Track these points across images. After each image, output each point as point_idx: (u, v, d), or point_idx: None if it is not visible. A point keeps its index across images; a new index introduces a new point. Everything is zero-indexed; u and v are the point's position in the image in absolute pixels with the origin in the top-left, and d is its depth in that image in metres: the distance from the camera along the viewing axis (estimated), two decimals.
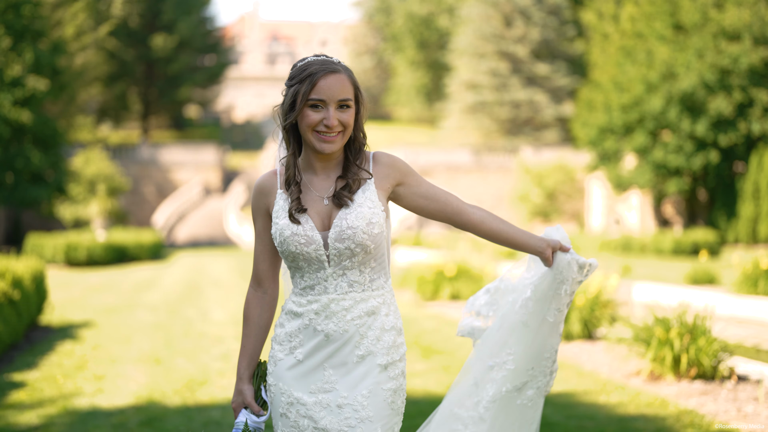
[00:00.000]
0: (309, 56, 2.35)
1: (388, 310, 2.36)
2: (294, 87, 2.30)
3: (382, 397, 2.30)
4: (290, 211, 2.31)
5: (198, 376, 6.80)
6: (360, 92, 2.35)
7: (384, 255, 2.37)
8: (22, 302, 8.89)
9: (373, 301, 2.33)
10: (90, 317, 11.09)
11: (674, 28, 32.15)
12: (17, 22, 28.32)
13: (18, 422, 5.38)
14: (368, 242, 2.29)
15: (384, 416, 2.30)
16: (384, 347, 2.32)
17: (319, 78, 2.27)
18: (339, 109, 2.30)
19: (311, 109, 2.29)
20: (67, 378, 6.82)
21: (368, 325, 2.32)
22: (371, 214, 2.30)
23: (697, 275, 14.89)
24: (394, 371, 2.34)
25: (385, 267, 2.38)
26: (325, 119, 2.28)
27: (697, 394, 5.71)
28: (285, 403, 2.33)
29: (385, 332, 2.34)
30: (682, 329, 6.06)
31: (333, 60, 2.32)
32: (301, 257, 2.31)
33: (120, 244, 25.22)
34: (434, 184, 2.44)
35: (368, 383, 2.30)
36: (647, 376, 6.27)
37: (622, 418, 5.20)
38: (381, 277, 2.37)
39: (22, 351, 8.33)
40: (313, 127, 2.30)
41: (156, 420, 5.33)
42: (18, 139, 28.69)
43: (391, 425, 2.32)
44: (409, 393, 6.09)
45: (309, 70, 2.28)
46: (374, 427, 2.27)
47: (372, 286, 2.34)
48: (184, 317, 10.94)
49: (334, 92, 2.28)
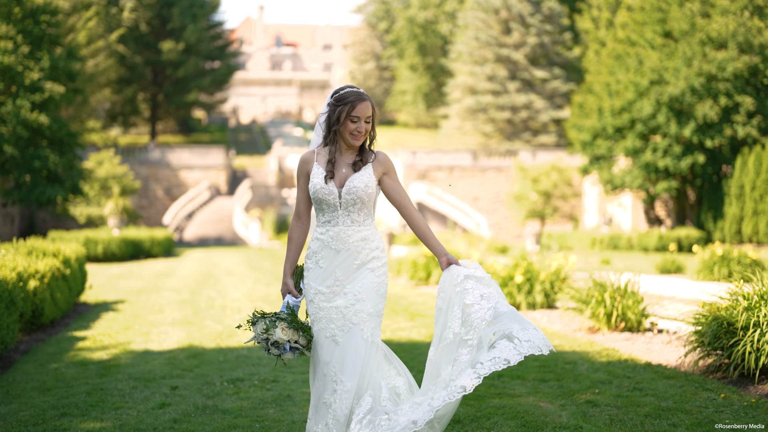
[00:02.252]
0: (346, 87, 3.95)
1: (374, 237, 3.96)
2: (339, 107, 3.90)
3: (371, 287, 3.89)
4: (325, 176, 3.88)
5: (225, 332, 8.35)
6: (375, 110, 3.96)
7: (372, 207, 3.93)
8: (71, 278, 10.45)
9: (365, 232, 3.93)
10: (121, 297, 12.61)
11: (664, 36, 33.58)
12: (35, 29, 29.67)
13: (91, 358, 6.92)
14: (364, 197, 3.89)
15: (373, 298, 3.88)
16: (372, 259, 3.92)
17: (357, 104, 3.88)
18: (366, 122, 3.89)
19: (350, 122, 3.88)
20: (118, 334, 8.36)
21: (362, 246, 3.91)
22: (367, 181, 3.91)
23: (666, 265, 16.40)
24: (378, 272, 3.92)
25: (371, 214, 3.94)
26: (358, 127, 3.89)
27: (622, 340, 7.25)
28: (312, 293, 3.90)
29: (372, 250, 3.93)
30: (613, 292, 7.59)
31: (362, 91, 3.94)
32: (324, 202, 3.90)
33: (135, 239, 26.73)
34: (402, 187, 3.99)
35: (362, 279, 3.89)
36: (587, 329, 7.81)
37: (557, 353, 6.74)
38: (369, 218, 3.97)
39: (73, 318, 9.86)
40: (351, 132, 3.89)
41: (198, 356, 6.87)
42: (35, 141, 30.02)
43: (376, 303, 3.89)
44: (396, 341, 7.64)
45: (349, 98, 3.89)
46: (366, 304, 3.86)
47: (364, 223, 3.93)
48: (205, 296, 12.48)
49: (364, 112, 3.88)
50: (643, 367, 6.07)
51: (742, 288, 5.74)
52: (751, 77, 31.67)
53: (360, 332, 3.78)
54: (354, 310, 3.81)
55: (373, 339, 3.81)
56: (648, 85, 31.95)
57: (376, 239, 3.95)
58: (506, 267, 9.98)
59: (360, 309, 3.81)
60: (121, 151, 44.77)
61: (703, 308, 5.94)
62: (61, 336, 8.32)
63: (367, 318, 3.81)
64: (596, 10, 48.24)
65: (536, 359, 6.48)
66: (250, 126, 70.25)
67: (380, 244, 3.96)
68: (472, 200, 45.38)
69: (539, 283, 9.55)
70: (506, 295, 9.79)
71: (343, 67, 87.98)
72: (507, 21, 52.35)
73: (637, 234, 30.13)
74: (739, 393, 5.20)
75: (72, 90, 32.30)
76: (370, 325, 3.81)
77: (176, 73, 54.07)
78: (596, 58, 43.67)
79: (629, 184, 33.55)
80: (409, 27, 61.94)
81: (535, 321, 8.82)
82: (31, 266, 8.50)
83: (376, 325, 3.84)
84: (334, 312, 3.82)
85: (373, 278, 3.88)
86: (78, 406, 5.16)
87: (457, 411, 4.86)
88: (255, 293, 12.84)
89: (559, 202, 42.19)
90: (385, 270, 3.96)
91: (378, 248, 3.93)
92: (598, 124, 33.93)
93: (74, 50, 32.91)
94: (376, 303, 3.86)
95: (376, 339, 3.84)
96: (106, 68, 46.65)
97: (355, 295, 3.84)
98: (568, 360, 6.40)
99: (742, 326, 5.50)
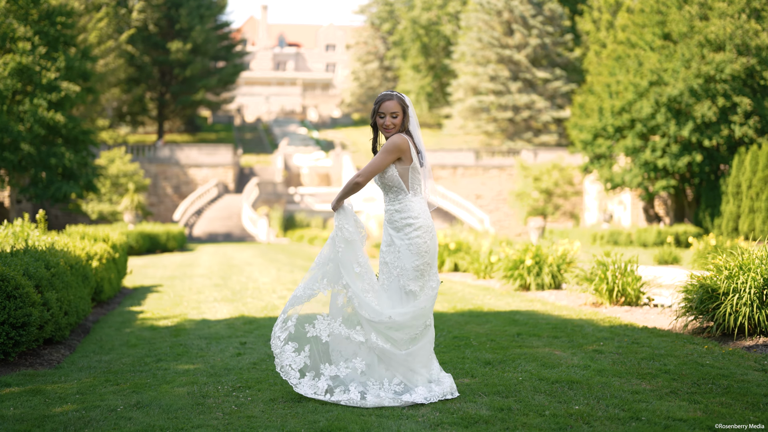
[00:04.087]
0: (384, 91, 4.88)
1: (406, 210, 4.84)
2: (374, 106, 4.90)
3: (407, 248, 4.80)
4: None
5: (268, 306, 9.34)
6: (405, 106, 4.85)
7: (400, 185, 4.84)
8: (120, 261, 11.43)
9: (398, 205, 4.87)
10: (156, 282, 13.58)
11: (663, 38, 34.49)
12: (52, 30, 30.57)
13: (158, 325, 7.92)
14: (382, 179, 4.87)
15: (408, 256, 4.80)
16: (406, 225, 4.82)
17: (383, 102, 4.85)
18: (391, 117, 4.84)
19: (379, 117, 4.84)
20: (172, 308, 9.34)
21: (398, 216, 4.84)
22: None
23: (664, 256, 17.40)
24: (413, 236, 4.81)
25: (404, 190, 4.85)
26: (384, 122, 4.86)
27: (622, 312, 8.25)
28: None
29: (406, 218, 4.82)
30: (614, 270, 8.58)
31: (392, 93, 4.87)
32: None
33: (151, 233, 27.70)
34: (371, 162, 4.85)
35: (403, 239, 4.82)
36: (591, 304, 8.80)
37: (566, 319, 7.74)
38: (401, 193, 4.87)
39: (123, 298, 10.84)
40: (381, 125, 4.88)
41: (252, 323, 7.87)
42: (51, 139, 30.93)
43: (412, 260, 4.80)
44: None
45: (379, 98, 4.90)
46: (404, 261, 4.80)
47: (396, 199, 4.86)
48: (235, 281, 13.46)
49: (388, 109, 4.85)
50: (640, 330, 7.08)
51: (726, 261, 6.73)
52: (749, 78, 32.49)
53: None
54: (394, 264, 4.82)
55: None
56: (647, 86, 32.82)
57: (407, 210, 4.84)
58: (517, 251, 10.97)
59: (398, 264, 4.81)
60: (130, 149, 45.73)
61: (692, 279, 6.93)
62: (120, 310, 9.31)
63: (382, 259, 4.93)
64: (597, 12, 49.21)
65: (548, 323, 7.48)
66: (255, 125, 71.19)
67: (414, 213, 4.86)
68: (475, 198, 46.40)
69: (547, 265, 10.54)
70: (517, 277, 10.77)
71: (345, 67, 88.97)
72: (509, 22, 53.34)
73: (636, 230, 31.14)
74: (720, 346, 6.20)
75: (86, 89, 33.15)
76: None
77: (184, 73, 55.05)
78: (597, 59, 44.60)
79: (629, 182, 34.41)
80: (412, 28, 62.86)
81: (544, 299, 9.80)
82: (91, 249, 9.49)
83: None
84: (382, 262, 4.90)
85: (411, 239, 4.82)
86: (168, 355, 6.15)
87: (485, 356, 5.87)
88: (282, 278, 13.82)
89: (560, 200, 43.17)
90: (421, 232, 4.81)
91: (411, 216, 4.81)
92: (599, 124, 34.85)
93: (88, 50, 33.80)
94: (412, 259, 4.77)
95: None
96: (116, 68, 47.59)
97: (398, 250, 4.80)
98: (576, 324, 7.39)
99: (724, 292, 6.49)
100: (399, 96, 4.86)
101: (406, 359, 4.67)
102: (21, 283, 5.82)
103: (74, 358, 6.24)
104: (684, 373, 5.17)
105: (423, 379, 4.68)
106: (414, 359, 4.68)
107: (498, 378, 5.13)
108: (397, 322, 4.67)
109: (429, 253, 4.85)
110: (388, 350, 4.65)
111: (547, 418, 4.20)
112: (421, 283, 4.79)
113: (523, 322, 7.60)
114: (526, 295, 10.20)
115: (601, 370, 5.29)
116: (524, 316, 8.04)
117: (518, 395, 4.68)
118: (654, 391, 4.72)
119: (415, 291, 4.77)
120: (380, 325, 4.66)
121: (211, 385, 5.05)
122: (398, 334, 4.68)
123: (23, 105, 29.72)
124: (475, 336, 6.84)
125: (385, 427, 4.08)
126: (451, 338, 6.74)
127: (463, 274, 14.02)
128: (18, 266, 6.07)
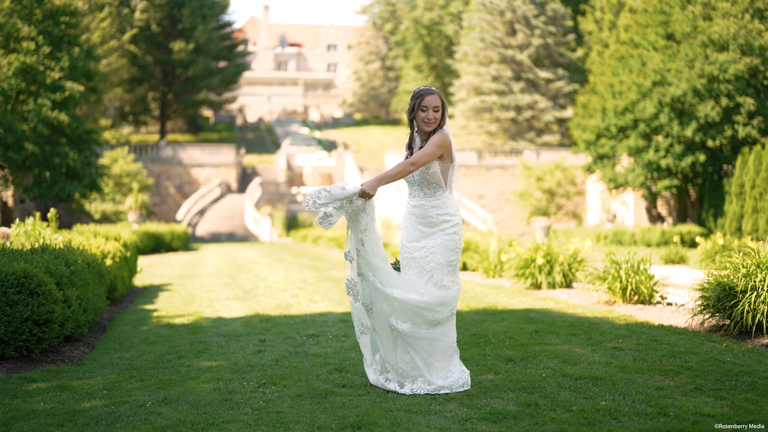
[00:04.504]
0: (421, 87, 4.90)
1: (443, 206, 4.90)
2: (414, 101, 4.90)
3: (444, 244, 4.84)
4: (406, 158, 4.90)
5: (282, 305, 9.37)
6: (444, 102, 4.91)
7: (440, 182, 4.89)
8: (131, 260, 11.46)
9: (435, 202, 4.90)
10: (166, 281, 13.60)
11: (666, 38, 34.52)
12: (56, 29, 30.60)
13: (174, 323, 7.95)
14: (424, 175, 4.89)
15: (444, 251, 4.85)
16: (444, 221, 4.86)
17: (425, 96, 4.86)
18: (434, 111, 4.85)
19: (421, 111, 4.85)
20: (185, 306, 9.37)
21: (434, 212, 4.87)
22: None
23: (671, 256, 17.43)
24: (449, 231, 4.87)
25: (442, 187, 4.90)
26: (426, 115, 4.85)
27: (636, 310, 8.28)
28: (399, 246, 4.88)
29: (444, 215, 4.87)
30: (628, 269, 8.61)
31: (431, 88, 4.91)
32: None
33: (156, 233, 27.72)
34: (422, 152, 4.87)
35: (440, 235, 4.86)
36: (604, 303, 8.83)
37: (581, 317, 7.77)
38: (439, 190, 4.91)
39: (135, 296, 10.86)
40: (422, 119, 4.87)
41: (269, 320, 7.90)
42: (55, 139, 30.96)
43: (447, 255, 4.86)
44: None
45: (421, 92, 4.89)
46: (438, 257, 4.84)
47: (434, 195, 4.90)
48: (245, 279, 13.48)
49: (431, 103, 4.86)
50: (657, 327, 7.11)
51: (743, 259, 6.76)
52: (752, 78, 32.52)
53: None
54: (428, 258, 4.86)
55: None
56: (651, 86, 32.85)
57: (444, 207, 4.91)
58: (528, 250, 11.00)
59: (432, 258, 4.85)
60: (133, 149, 45.75)
61: (709, 277, 6.96)
62: (134, 308, 9.34)
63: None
64: (599, 12, 49.25)
65: (564, 321, 7.51)
66: (257, 125, 71.23)
67: (452, 210, 4.93)
68: (478, 198, 46.43)
69: (558, 264, 10.57)
70: (528, 276, 10.80)
71: (347, 67, 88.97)
72: (512, 22, 53.37)
73: (640, 230, 31.17)
74: (739, 344, 6.22)
75: (89, 89, 33.16)
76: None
77: (186, 73, 55.10)
78: (599, 59, 44.62)
79: (632, 182, 34.43)
80: (414, 28, 62.92)
81: (556, 297, 9.83)
82: (105, 247, 9.52)
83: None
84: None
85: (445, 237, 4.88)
86: (189, 352, 6.19)
87: (506, 353, 5.91)
88: (291, 277, 13.84)
89: (563, 200, 43.21)
90: (455, 229, 4.91)
91: (448, 213, 4.89)
92: (602, 124, 34.87)
93: (91, 50, 33.82)
94: (446, 255, 4.85)
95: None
96: (119, 68, 47.63)
97: (430, 248, 4.86)
98: (592, 322, 7.43)
99: (741, 290, 6.52)
100: (437, 91, 4.93)
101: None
102: (43, 280, 5.85)
103: (95, 355, 6.27)
104: (706, 370, 5.20)
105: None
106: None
107: (521, 374, 5.17)
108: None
109: (460, 249, 4.94)
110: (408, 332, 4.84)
111: (574, 413, 4.23)
112: (452, 278, 4.86)
113: (539, 320, 7.64)
114: (538, 294, 10.23)
115: (623, 367, 5.32)
116: (539, 314, 8.08)
117: (543, 391, 4.71)
118: (678, 388, 4.75)
119: (448, 286, 4.83)
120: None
121: (236, 382, 5.09)
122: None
123: (27, 105, 29.74)
124: (493, 333, 6.88)
125: (414, 422, 4.12)
126: (469, 336, 6.78)
127: (472, 273, 14.05)
128: (40, 264, 6.10)
